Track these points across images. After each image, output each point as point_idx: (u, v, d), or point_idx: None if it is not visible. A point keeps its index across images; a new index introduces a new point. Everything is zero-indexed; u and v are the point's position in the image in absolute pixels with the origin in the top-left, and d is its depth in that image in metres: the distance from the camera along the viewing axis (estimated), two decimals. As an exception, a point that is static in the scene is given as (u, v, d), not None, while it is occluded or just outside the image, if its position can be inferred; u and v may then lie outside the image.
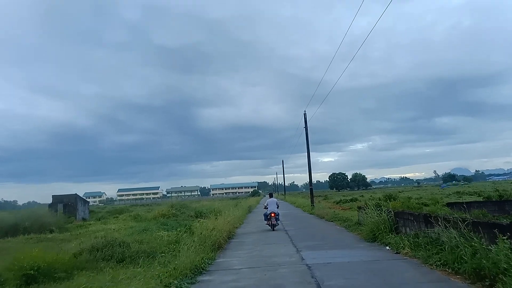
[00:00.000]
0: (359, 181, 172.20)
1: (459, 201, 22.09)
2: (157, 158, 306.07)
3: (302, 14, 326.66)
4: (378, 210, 13.20)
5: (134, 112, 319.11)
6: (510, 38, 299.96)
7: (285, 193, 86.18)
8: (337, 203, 42.47)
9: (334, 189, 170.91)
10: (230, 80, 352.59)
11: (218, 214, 25.48)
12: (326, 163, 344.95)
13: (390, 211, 12.39)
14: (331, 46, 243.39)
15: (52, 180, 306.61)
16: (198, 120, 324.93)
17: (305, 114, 30.14)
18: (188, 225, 18.57)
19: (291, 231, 17.07)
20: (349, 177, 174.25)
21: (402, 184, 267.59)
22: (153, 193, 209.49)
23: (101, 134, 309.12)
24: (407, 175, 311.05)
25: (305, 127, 30.21)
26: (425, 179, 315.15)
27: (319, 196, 75.43)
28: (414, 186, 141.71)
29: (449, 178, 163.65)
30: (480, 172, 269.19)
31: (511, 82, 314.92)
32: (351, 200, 41.76)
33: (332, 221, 20.48)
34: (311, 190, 31.26)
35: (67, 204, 34.28)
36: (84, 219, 33.90)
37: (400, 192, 67.83)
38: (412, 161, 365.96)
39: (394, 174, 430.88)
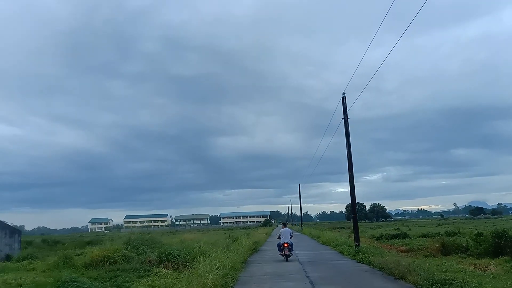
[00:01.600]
0: (378, 212, 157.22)
1: None
2: (171, 186, 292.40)
3: (316, 45, 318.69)
4: None
5: (149, 140, 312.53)
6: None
7: (302, 223, 72.37)
8: (376, 239, 29.97)
9: (351, 220, 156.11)
10: (244, 110, 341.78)
11: (197, 259, 13.59)
12: (340, 193, 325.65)
13: None
14: (345, 77, 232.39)
15: (67, 206, 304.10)
16: (211, 149, 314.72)
17: (344, 98, 18.45)
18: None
19: None
20: (367, 207, 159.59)
21: (421, 217, 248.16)
22: (161, 221, 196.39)
23: (116, 162, 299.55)
24: (424, 207, 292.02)
25: (343, 118, 18.46)
26: (443, 212, 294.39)
27: (341, 228, 62.19)
28: (440, 219, 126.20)
29: (477, 211, 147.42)
30: (502, 205, 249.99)
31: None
32: (397, 236, 28.92)
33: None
34: (355, 219, 19.07)
35: (-14, 234, 22.56)
36: (8, 257, 22.13)
37: (441, 225, 54.51)
38: (427, 193, 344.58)
39: (409, 206, 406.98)
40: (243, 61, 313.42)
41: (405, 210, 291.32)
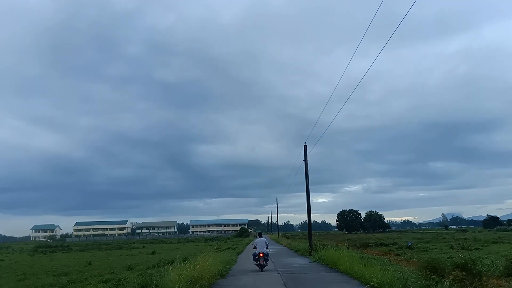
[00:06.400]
0: (375, 221, 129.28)
1: None
2: (149, 194, 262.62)
3: (302, 55, 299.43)
4: None
5: (130, 145, 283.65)
6: (503, 86, 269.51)
7: (310, 235, 30.04)
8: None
9: (344, 230, 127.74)
10: (227, 117, 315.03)
11: None
12: (320, 203, 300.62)
13: None
14: (330, 88, 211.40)
15: (40, 212, 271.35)
16: (193, 156, 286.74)
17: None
18: None
19: None
20: (363, 215, 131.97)
21: (408, 228, 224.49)
22: (119, 229, 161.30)
23: (93, 167, 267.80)
24: (405, 218, 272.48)
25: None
26: (427, 223, 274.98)
27: (352, 244, 32.24)
28: (460, 231, 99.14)
29: (491, 221, 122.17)
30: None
31: (504, 129, 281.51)
32: None
33: None
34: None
35: None
36: None
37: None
38: (406, 205, 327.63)
39: (387, 217, 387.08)
40: (228, 68, 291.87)
41: (389, 221, 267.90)
